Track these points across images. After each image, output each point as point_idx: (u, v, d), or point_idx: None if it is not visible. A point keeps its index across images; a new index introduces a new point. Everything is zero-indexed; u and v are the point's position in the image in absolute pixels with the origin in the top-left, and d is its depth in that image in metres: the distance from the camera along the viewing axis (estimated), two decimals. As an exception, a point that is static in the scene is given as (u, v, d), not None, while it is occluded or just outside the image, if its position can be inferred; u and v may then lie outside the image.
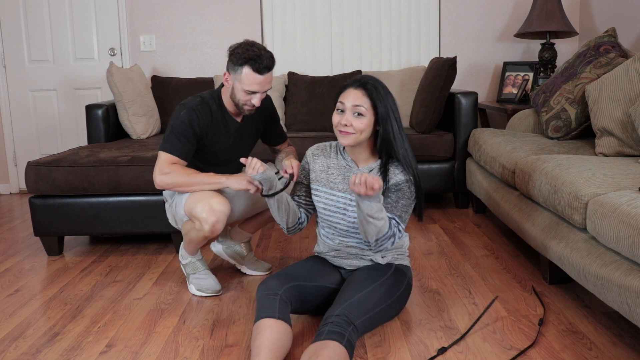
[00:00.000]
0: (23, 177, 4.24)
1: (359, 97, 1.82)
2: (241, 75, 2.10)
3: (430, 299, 2.17)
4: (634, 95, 2.46)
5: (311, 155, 2.02)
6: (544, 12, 3.71)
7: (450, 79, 3.38)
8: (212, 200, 2.07)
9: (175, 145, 2.12)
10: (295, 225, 2.01)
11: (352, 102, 1.82)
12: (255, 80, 2.10)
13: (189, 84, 4.02)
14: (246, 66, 2.08)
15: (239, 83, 2.12)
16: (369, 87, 1.83)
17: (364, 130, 1.83)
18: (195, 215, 2.09)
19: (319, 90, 3.88)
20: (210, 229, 2.08)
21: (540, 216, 2.28)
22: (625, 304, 1.60)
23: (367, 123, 1.83)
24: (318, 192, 1.98)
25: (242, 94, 2.13)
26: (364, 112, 1.82)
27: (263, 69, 2.09)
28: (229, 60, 2.14)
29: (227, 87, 2.19)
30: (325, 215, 1.97)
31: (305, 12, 4.22)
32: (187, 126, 2.12)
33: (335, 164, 1.96)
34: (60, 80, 4.36)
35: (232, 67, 2.13)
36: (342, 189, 1.92)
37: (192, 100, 2.18)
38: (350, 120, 1.82)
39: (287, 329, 1.70)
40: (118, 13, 4.25)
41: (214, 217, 2.06)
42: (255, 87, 2.11)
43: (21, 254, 2.94)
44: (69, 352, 1.85)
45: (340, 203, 1.92)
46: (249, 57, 2.07)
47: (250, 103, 2.16)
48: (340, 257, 2.01)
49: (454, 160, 3.48)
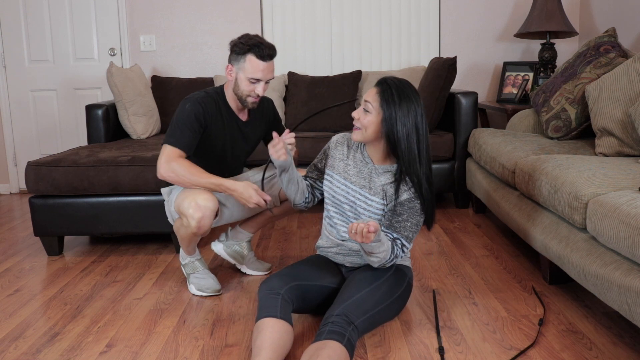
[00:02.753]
0: (23, 177, 4.25)
1: (372, 94, 1.86)
2: (245, 63, 2.13)
3: (430, 299, 2.17)
4: (634, 95, 2.46)
5: (334, 142, 2.04)
6: (544, 12, 3.71)
7: (450, 79, 3.38)
8: (198, 196, 2.08)
9: (180, 138, 2.12)
10: (301, 203, 2.08)
11: (365, 98, 1.87)
12: (258, 66, 2.13)
13: (189, 84, 4.02)
14: (249, 53, 2.12)
15: (243, 72, 2.15)
16: (384, 87, 1.84)
17: (368, 126, 1.85)
18: (182, 212, 2.10)
19: (319, 90, 3.88)
20: (196, 224, 2.08)
21: (540, 216, 2.28)
22: (625, 304, 1.60)
23: (371, 120, 1.84)
24: (332, 179, 1.99)
25: (246, 83, 2.16)
26: (370, 109, 1.84)
27: (266, 56, 2.13)
28: (231, 53, 2.18)
29: (230, 81, 2.21)
30: (335, 201, 1.97)
31: (305, 12, 4.22)
32: (192, 118, 2.12)
33: (354, 156, 1.98)
34: (60, 80, 4.36)
35: (235, 58, 2.16)
36: (354, 182, 1.94)
37: (197, 93, 2.20)
38: (359, 114, 1.86)
39: (289, 329, 1.70)
40: (118, 13, 4.25)
41: (199, 213, 2.07)
42: (259, 74, 2.14)
43: (21, 254, 2.94)
44: (69, 352, 1.85)
45: (349, 194, 1.94)
46: (252, 44, 2.12)
47: (254, 93, 2.18)
48: (341, 253, 2.01)
49: (454, 160, 3.48)
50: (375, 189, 1.89)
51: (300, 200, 2.07)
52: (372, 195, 1.89)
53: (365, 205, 1.90)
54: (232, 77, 2.19)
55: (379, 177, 1.90)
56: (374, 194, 1.89)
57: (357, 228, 1.62)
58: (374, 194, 1.89)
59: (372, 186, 1.90)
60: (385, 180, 1.89)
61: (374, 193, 1.89)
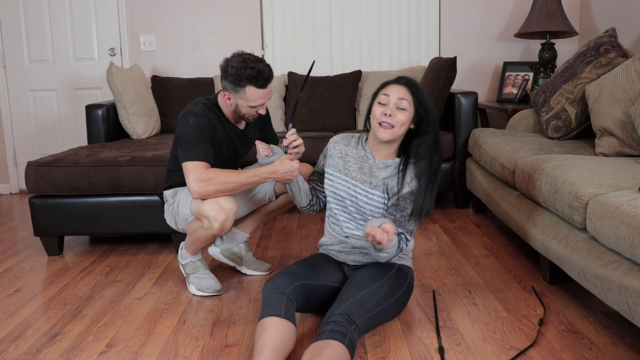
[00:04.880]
0: (23, 177, 4.24)
1: (403, 92, 1.89)
2: (245, 94, 2.11)
3: (430, 299, 2.17)
4: (634, 95, 2.46)
5: (332, 142, 2.07)
6: (544, 12, 3.71)
7: (450, 79, 3.38)
8: (220, 198, 2.08)
9: (198, 151, 2.08)
10: (306, 206, 2.09)
11: (397, 95, 1.88)
12: (260, 95, 2.13)
13: (189, 84, 4.02)
14: (249, 86, 2.09)
15: (244, 101, 2.14)
16: (412, 87, 1.91)
17: (404, 123, 1.88)
18: (203, 214, 2.09)
19: (319, 90, 3.88)
20: (219, 226, 2.08)
21: (540, 216, 2.28)
22: (625, 304, 1.60)
23: (408, 117, 1.89)
24: (332, 177, 2.01)
25: (248, 109, 2.17)
26: (406, 106, 1.88)
27: (265, 83, 2.12)
28: (225, 80, 2.12)
29: (229, 105, 2.19)
30: (337, 197, 1.99)
31: (305, 12, 4.22)
32: (200, 130, 2.11)
33: (354, 153, 2.00)
34: (60, 80, 4.35)
35: (232, 88, 2.12)
36: (355, 177, 1.96)
37: (194, 107, 2.16)
38: (393, 111, 1.87)
39: (292, 329, 1.70)
40: (118, 13, 4.25)
41: (223, 215, 2.07)
42: (261, 101, 2.15)
43: (21, 254, 2.94)
44: (69, 352, 1.85)
45: (350, 189, 1.96)
46: (250, 75, 2.07)
47: (256, 113, 2.21)
48: (344, 251, 2.02)
49: (454, 160, 3.48)
50: (376, 182, 1.92)
51: (305, 203, 2.08)
52: (372, 189, 1.92)
53: (366, 199, 1.92)
54: (231, 103, 2.17)
55: (380, 171, 1.93)
56: (375, 188, 1.91)
57: (375, 236, 1.65)
58: (374, 187, 1.91)
59: (372, 180, 1.92)
60: (386, 174, 1.92)
61: (374, 187, 1.91)
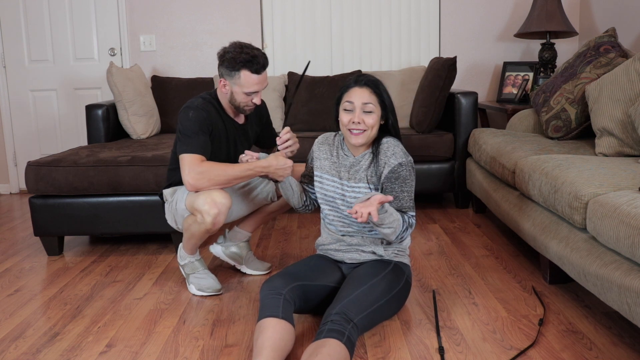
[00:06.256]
0: (23, 177, 4.25)
1: (367, 95, 1.90)
2: (240, 79, 2.14)
3: (430, 299, 2.17)
4: (634, 95, 2.46)
5: (317, 144, 2.11)
6: (544, 12, 3.71)
7: (450, 79, 3.38)
8: (213, 192, 2.08)
9: (195, 144, 2.11)
10: (300, 207, 2.14)
11: (361, 100, 1.89)
12: (254, 81, 2.15)
13: (189, 84, 4.02)
14: (243, 70, 2.13)
15: (239, 87, 2.16)
16: (372, 85, 1.92)
17: (374, 125, 1.91)
18: (197, 208, 2.09)
19: (319, 90, 3.88)
20: (212, 221, 2.09)
21: (540, 216, 2.28)
22: (625, 304, 1.60)
23: (376, 118, 1.92)
24: (322, 178, 2.04)
25: (243, 96, 2.18)
26: (372, 108, 1.90)
27: (260, 69, 2.14)
28: (221, 67, 2.17)
29: (225, 92, 2.22)
30: (327, 199, 2.03)
31: (305, 12, 4.22)
32: (199, 123, 2.13)
33: (337, 154, 2.04)
34: (60, 80, 4.35)
35: (227, 73, 2.16)
36: (343, 177, 2.00)
37: (194, 101, 2.20)
38: (362, 117, 1.89)
39: (290, 329, 1.70)
40: (118, 13, 4.25)
41: (215, 209, 2.07)
42: (256, 87, 2.17)
43: (21, 254, 2.94)
44: (69, 352, 1.85)
45: (338, 189, 1.99)
46: (245, 60, 2.11)
47: (252, 103, 2.22)
48: (341, 250, 2.03)
49: (454, 160, 3.48)
50: (359, 176, 1.95)
51: (299, 205, 2.12)
52: (356, 183, 1.95)
53: (354, 194, 1.96)
54: (227, 90, 2.20)
55: (359, 164, 1.97)
56: (359, 181, 1.95)
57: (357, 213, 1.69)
58: (358, 181, 1.95)
59: (356, 175, 1.96)
60: (364, 165, 1.96)
61: (358, 180, 1.95)
